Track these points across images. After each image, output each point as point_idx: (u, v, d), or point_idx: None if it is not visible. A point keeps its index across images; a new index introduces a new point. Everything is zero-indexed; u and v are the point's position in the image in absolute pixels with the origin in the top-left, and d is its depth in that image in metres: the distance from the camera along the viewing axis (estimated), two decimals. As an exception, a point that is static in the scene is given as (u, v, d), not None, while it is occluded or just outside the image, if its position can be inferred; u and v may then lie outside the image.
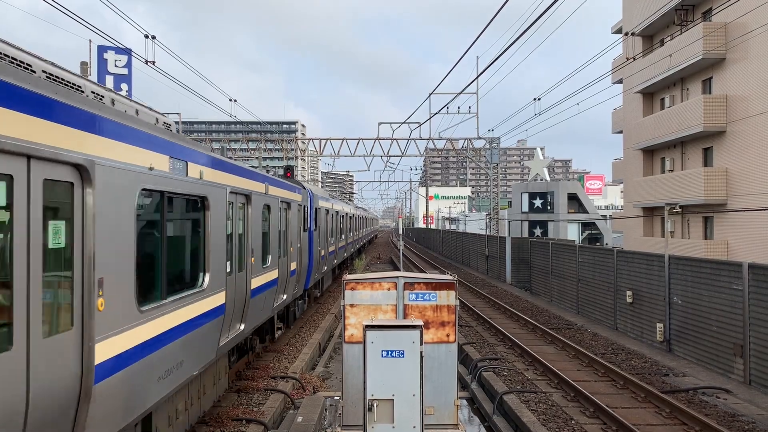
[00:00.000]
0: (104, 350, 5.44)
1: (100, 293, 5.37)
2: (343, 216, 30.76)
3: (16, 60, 5.39)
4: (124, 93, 29.43)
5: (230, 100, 33.12)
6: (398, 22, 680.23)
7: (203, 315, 8.27)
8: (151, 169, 6.51)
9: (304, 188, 18.65)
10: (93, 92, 6.81)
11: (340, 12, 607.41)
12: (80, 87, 6.51)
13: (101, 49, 29.51)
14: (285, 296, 14.49)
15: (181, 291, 7.67)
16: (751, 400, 11.74)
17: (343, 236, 31.12)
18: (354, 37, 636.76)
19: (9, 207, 4.35)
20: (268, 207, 12.39)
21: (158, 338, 6.70)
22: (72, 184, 5.09)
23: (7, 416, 4.22)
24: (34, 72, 5.70)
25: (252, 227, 10.98)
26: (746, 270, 12.96)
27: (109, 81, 29.54)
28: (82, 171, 5.18)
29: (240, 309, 10.41)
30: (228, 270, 9.48)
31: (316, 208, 20.25)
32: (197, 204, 8.43)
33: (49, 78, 5.93)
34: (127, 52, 28.27)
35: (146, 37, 20.38)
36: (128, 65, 30.19)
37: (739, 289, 13.14)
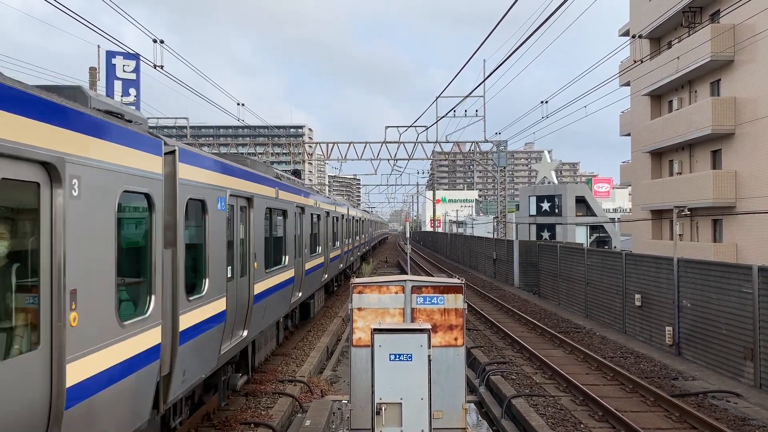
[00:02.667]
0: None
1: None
2: (375, 222, 65.93)
3: None
4: (132, 98, 29.57)
5: (238, 104, 33.28)
6: (395, 24, 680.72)
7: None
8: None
9: (368, 212, 54.90)
10: None
11: (336, 14, 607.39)
12: None
13: (109, 54, 29.60)
14: (366, 247, 41.75)
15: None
16: (762, 404, 11.65)
17: (377, 231, 70.58)
18: (351, 40, 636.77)
19: None
20: (370, 222, 49.32)
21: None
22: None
23: None
24: None
25: (364, 229, 38.97)
26: (756, 273, 12.88)
27: (118, 86, 29.66)
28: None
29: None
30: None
31: (369, 220, 50.34)
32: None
33: None
34: (135, 56, 28.40)
35: (154, 41, 20.46)
36: (136, 70, 30.26)
37: (749, 293, 13.05)
